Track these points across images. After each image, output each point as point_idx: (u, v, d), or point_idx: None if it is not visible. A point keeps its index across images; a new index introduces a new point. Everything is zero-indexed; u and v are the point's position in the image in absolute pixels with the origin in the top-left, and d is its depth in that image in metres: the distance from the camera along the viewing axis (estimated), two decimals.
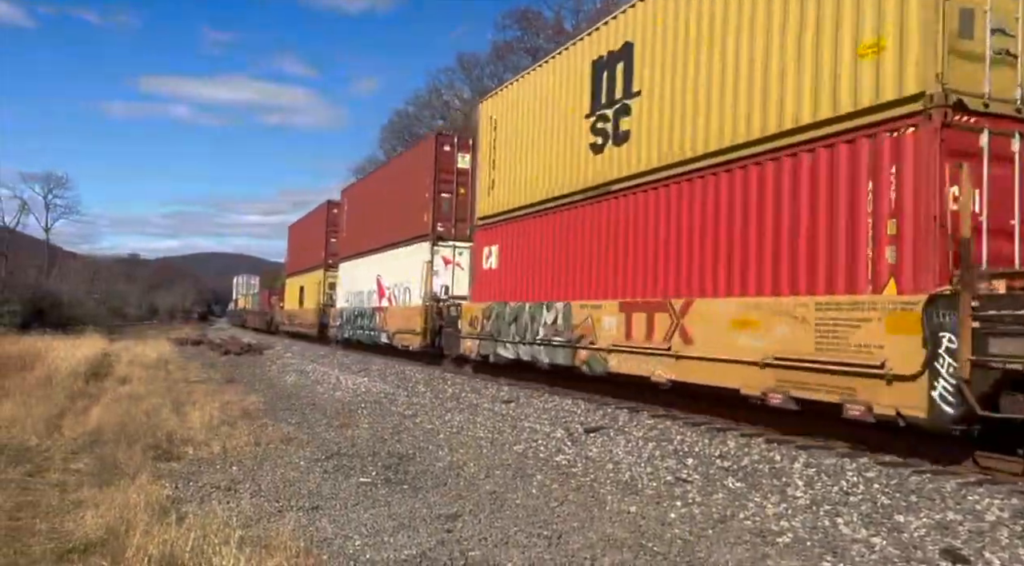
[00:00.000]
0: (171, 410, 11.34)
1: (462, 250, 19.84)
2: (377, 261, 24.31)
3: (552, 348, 12.99)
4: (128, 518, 5.47)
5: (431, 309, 19.11)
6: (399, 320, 21.39)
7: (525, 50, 44.79)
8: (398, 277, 22.16)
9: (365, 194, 27.44)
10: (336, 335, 29.04)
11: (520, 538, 5.57)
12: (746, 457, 7.99)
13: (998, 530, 5.52)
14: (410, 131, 54.24)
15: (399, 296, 22.04)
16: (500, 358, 14.92)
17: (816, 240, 8.23)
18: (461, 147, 20.45)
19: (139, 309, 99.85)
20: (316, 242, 35.21)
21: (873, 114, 7.68)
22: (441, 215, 20.07)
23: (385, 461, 8.36)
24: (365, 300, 25.48)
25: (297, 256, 41.39)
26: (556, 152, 13.43)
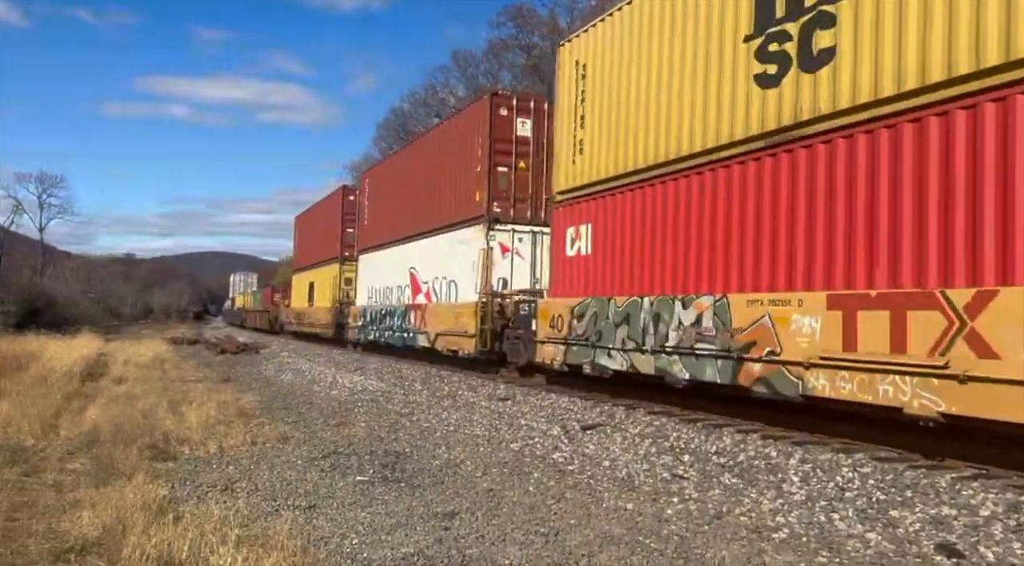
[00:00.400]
0: (167, 410, 11.32)
1: (522, 235, 16.46)
2: (410, 251, 20.77)
3: (696, 359, 9.39)
4: (125, 518, 5.48)
5: (489, 306, 15.54)
6: (444, 320, 17.75)
7: (520, 47, 44.78)
8: (440, 269, 18.53)
9: (393, 175, 23.43)
10: (358, 337, 25.18)
11: (517, 535, 5.58)
12: (742, 453, 8.01)
13: (992, 524, 5.55)
14: (406, 128, 54.18)
15: (441, 291, 18.47)
16: (601, 369, 11.27)
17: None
18: (521, 110, 16.77)
19: (134, 309, 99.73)
20: (329, 233, 31.22)
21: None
22: (498, 193, 16.37)
23: (382, 459, 8.37)
24: (395, 297, 21.98)
25: (306, 250, 37.38)
26: (690, 94, 9.96)
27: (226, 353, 28.44)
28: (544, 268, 15.50)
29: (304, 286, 36.20)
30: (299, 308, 37.23)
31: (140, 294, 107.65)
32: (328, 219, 31.82)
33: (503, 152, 16.53)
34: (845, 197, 7.78)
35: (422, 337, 19.10)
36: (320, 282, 32.58)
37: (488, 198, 16.35)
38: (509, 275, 16.25)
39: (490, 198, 16.35)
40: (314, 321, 32.95)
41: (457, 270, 17.44)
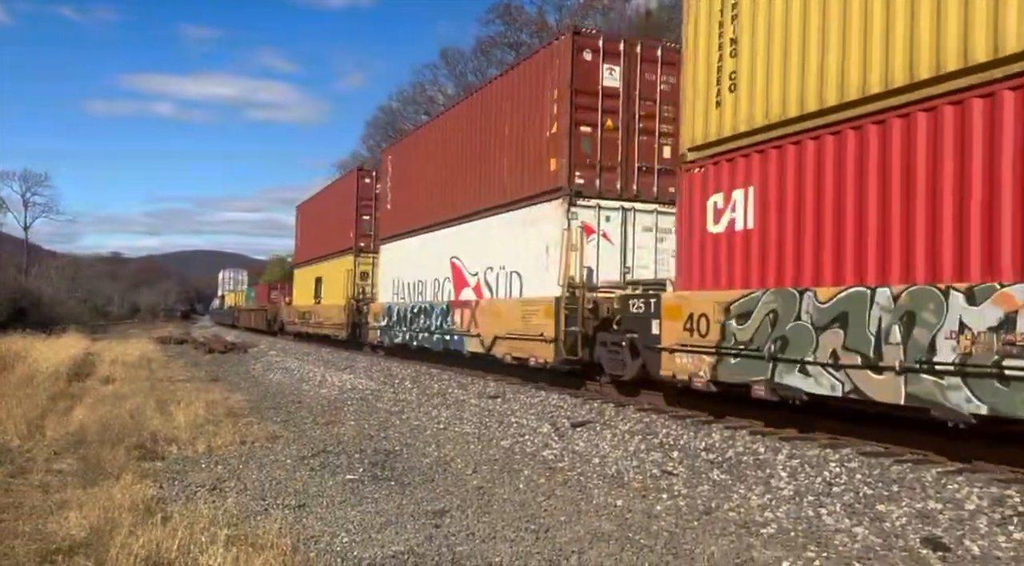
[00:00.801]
0: (155, 409, 11.27)
1: (609, 213, 12.93)
2: (452, 238, 17.25)
3: (1006, 384, 6.06)
4: (113, 518, 5.45)
5: (580, 303, 11.95)
6: (505, 320, 14.25)
7: (508, 45, 44.77)
8: (496, 258, 15.09)
9: (425, 149, 19.61)
10: (381, 339, 21.66)
11: (508, 533, 5.59)
12: (730, 449, 8.05)
13: (977, 518, 5.61)
14: (394, 126, 54.05)
15: (498, 285, 15.02)
16: (789, 392, 7.94)
17: None
18: (608, 55, 13.10)
19: (121, 308, 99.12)
20: (341, 222, 27.29)
21: None
22: (580, 159, 12.87)
23: (372, 458, 8.36)
24: (430, 292, 18.40)
25: (311, 242, 33.24)
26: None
27: (214, 352, 28.30)
28: (637, 254, 13.03)
29: (308, 282, 32.48)
30: (303, 306, 33.31)
31: (127, 293, 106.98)
32: (340, 206, 27.91)
33: (587, 107, 12.92)
34: None
35: (471, 341, 15.50)
36: (330, 277, 28.73)
37: (568, 166, 12.78)
38: (594, 263, 12.70)
39: (571, 166, 12.77)
40: (323, 321, 28.91)
41: (522, 258, 13.98)
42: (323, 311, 29.34)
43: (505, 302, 14.53)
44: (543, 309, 12.84)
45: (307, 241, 34.59)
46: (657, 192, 13.20)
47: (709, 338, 8.92)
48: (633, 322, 10.61)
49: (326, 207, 30.84)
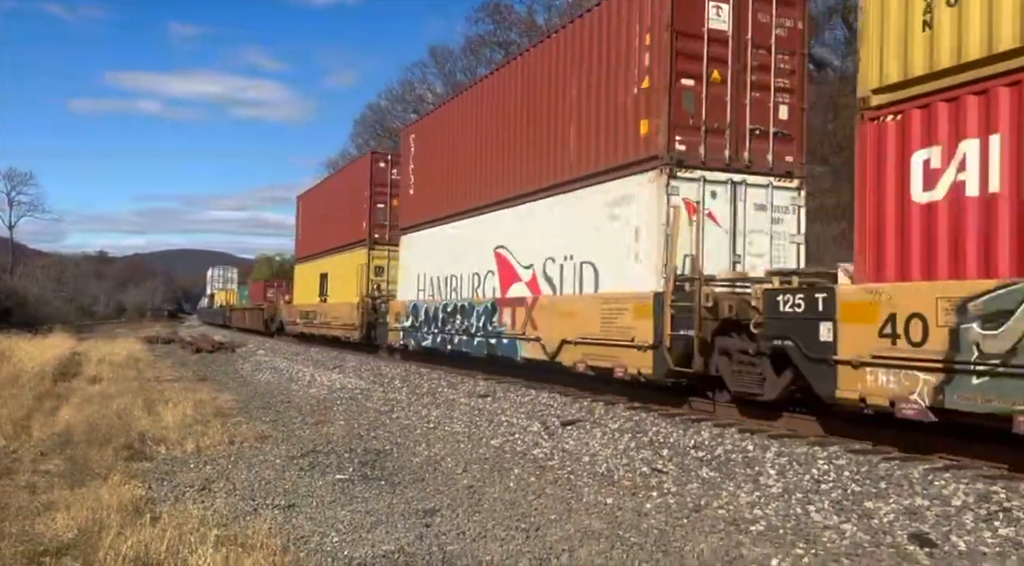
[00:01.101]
0: (143, 409, 11.21)
1: (716, 188, 10.47)
2: (497, 225, 14.65)
3: None
4: (101, 519, 5.42)
5: (696, 301, 9.37)
6: (576, 322, 11.68)
7: (497, 44, 44.74)
8: (560, 246, 12.42)
9: (458, 123, 16.81)
10: (404, 341, 18.98)
11: (498, 531, 5.60)
12: (720, 447, 8.09)
13: (964, 514, 5.66)
14: (383, 125, 53.93)
15: (562, 279, 12.37)
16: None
17: None
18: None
19: (107, 307, 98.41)
20: (353, 212, 24.53)
21: None
22: (681, 120, 10.35)
23: (362, 457, 8.35)
24: (467, 288, 15.80)
25: (315, 235, 29.99)
26: None
27: (202, 352, 28.15)
28: (748, 238, 10.67)
29: (312, 278, 29.34)
30: (306, 305, 30.15)
31: (113, 293, 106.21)
32: (350, 194, 25.14)
33: (689, 55, 10.46)
34: None
35: (527, 345, 13.09)
36: (338, 273, 25.86)
37: (667, 128, 10.23)
38: (697, 249, 9.81)
39: (670, 128, 10.25)
40: (330, 321, 25.92)
41: (599, 246, 11.42)
42: (330, 310, 26.25)
43: (577, 299, 11.86)
44: (634, 307, 10.38)
45: (310, 235, 31.18)
46: (772, 161, 10.78)
47: (929, 348, 6.56)
48: (786, 326, 8.13)
49: (333, 196, 27.77)
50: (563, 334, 11.99)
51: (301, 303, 31.46)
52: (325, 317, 26.81)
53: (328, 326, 26.21)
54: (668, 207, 10.10)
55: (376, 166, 23.72)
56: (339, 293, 25.62)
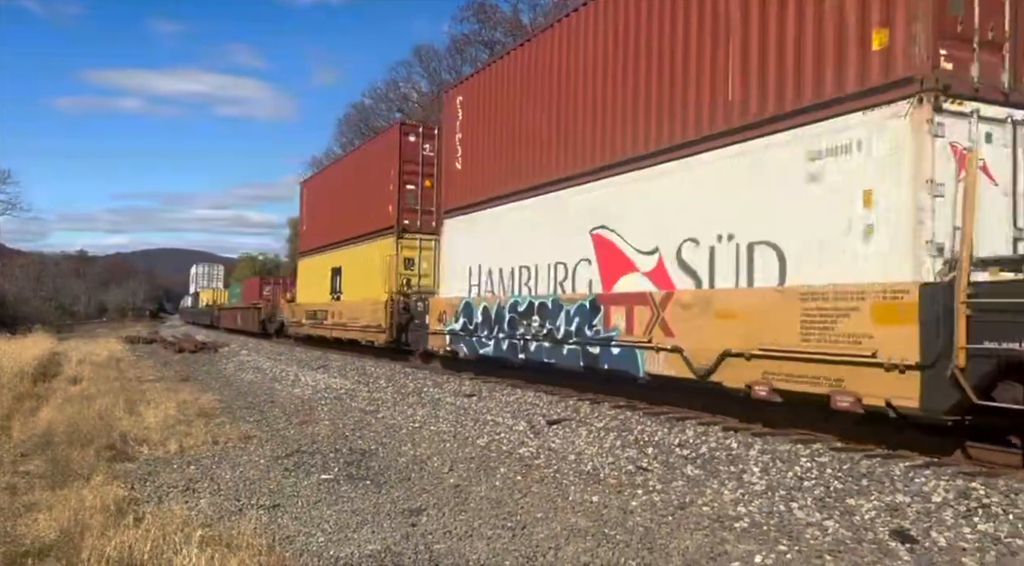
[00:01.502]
0: (125, 410, 11.11)
1: (992, 128, 7.16)
2: (597, 200, 11.26)
3: None
4: (83, 520, 5.37)
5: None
6: (752, 327, 8.35)
7: (482, 43, 44.71)
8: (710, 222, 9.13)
9: (526, 75, 13.34)
10: (454, 347, 15.12)
11: (484, 530, 5.61)
12: (704, 445, 8.15)
13: (944, 510, 5.74)
14: (367, 124, 53.74)
15: (713, 267, 9.09)
16: None
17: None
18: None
19: (88, 307, 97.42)
20: (377, 195, 20.62)
21: None
22: (947, 26, 7.00)
23: (347, 457, 8.32)
24: (547, 281, 12.40)
25: (324, 224, 26.13)
26: None
27: (184, 352, 27.94)
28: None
29: (320, 274, 25.49)
30: (314, 304, 25.99)
31: (94, 292, 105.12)
32: (373, 174, 21.18)
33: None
34: None
35: (657, 357, 9.76)
36: (356, 267, 22.19)
37: (930, 37, 6.94)
38: (968, 220, 6.67)
39: (933, 37, 6.95)
40: (347, 321, 22.04)
41: (791, 219, 8.05)
42: (346, 309, 22.31)
43: (750, 295, 8.47)
44: (874, 307, 7.04)
45: (318, 225, 27.09)
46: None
47: None
48: None
49: (350, 178, 23.57)
50: (724, 343, 8.61)
51: (307, 302, 27.25)
52: (339, 317, 22.95)
53: (344, 328, 22.35)
54: (932, 152, 6.83)
55: (405, 140, 19.61)
56: (357, 290, 21.94)
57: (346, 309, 22.43)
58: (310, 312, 26.26)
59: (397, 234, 19.51)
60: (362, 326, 20.64)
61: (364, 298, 20.77)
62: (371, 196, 21.15)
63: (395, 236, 19.52)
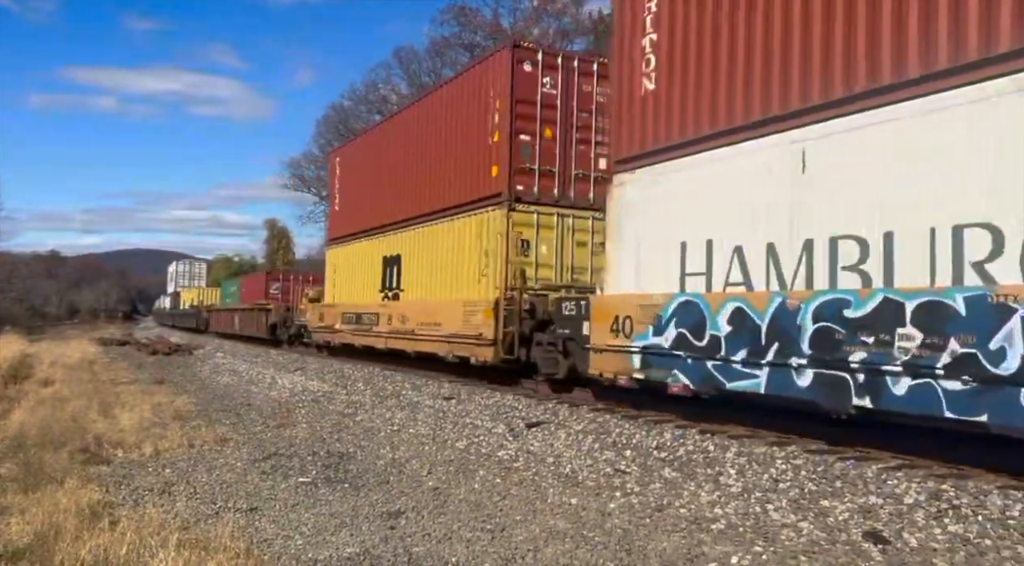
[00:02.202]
0: (99, 412, 10.98)
1: None
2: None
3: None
4: (58, 523, 5.31)
5: None
6: None
7: (463, 46, 44.72)
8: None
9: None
10: (653, 373, 9.19)
11: (464, 533, 5.62)
12: (681, 448, 8.22)
13: (915, 512, 5.85)
14: (346, 125, 53.48)
15: None
16: None
17: None
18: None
19: (59, 308, 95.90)
20: (467, 154, 14.71)
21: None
22: None
23: (325, 460, 8.29)
24: (947, 261, 6.26)
25: (372, 201, 19.57)
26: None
27: (158, 354, 27.63)
28: None
29: (366, 266, 19.65)
30: (355, 305, 19.90)
31: (65, 293, 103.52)
32: (463, 124, 14.89)
33: None
34: None
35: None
36: (433, 254, 15.86)
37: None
38: None
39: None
40: (421, 328, 15.55)
41: None
42: (414, 312, 16.06)
43: None
44: None
45: (360, 203, 20.52)
46: None
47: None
48: None
49: (418, 136, 17.01)
50: None
51: (344, 302, 20.98)
52: (399, 322, 16.60)
53: (408, 337, 16.02)
54: None
55: (520, 69, 13.36)
56: (432, 285, 15.79)
57: (412, 312, 16.16)
58: (349, 315, 20.00)
59: (509, 205, 13.15)
60: (446, 336, 14.39)
61: (448, 298, 14.77)
62: (457, 155, 15.00)
63: (505, 208, 13.16)
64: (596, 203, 12.81)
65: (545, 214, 13.38)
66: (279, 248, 74.46)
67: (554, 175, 13.51)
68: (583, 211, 13.58)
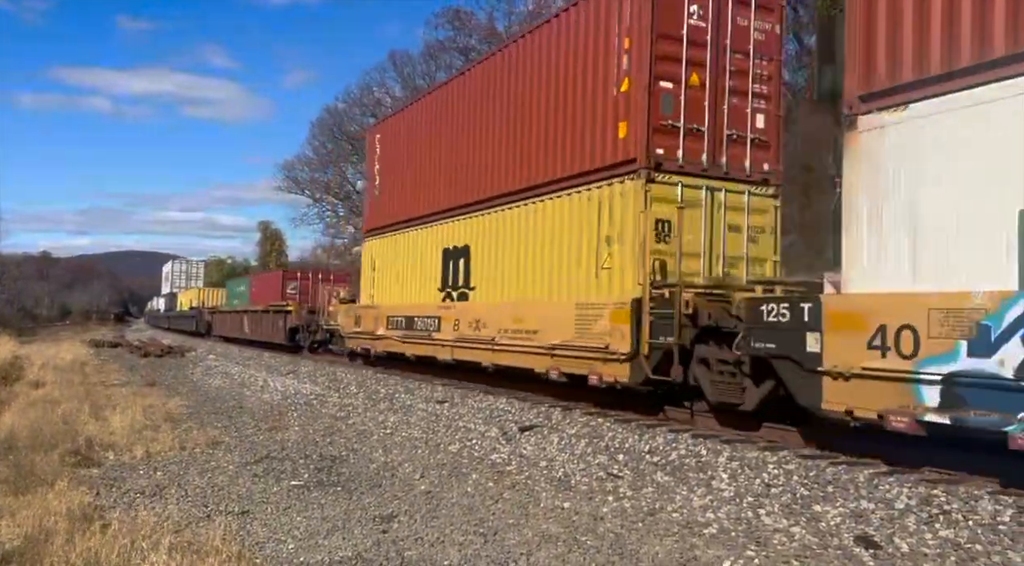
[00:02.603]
0: (89, 415, 10.93)
1: None
2: None
3: None
4: (48, 526, 5.28)
5: None
6: None
7: (457, 50, 44.76)
8: None
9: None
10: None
11: (456, 536, 5.61)
12: (674, 452, 8.23)
13: (906, 517, 5.87)
14: (340, 128, 53.47)
15: None
16: None
17: None
18: None
19: (51, 310, 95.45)
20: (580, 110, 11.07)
21: None
22: None
23: (317, 463, 8.27)
24: None
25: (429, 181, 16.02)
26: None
27: (150, 356, 27.53)
28: None
29: (416, 261, 16.35)
30: (405, 306, 16.52)
31: (57, 295, 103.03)
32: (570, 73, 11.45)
33: None
34: None
35: None
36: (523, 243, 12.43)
37: None
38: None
39: None
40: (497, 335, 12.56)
41: None
42: (500, 316, 12.59)
43: None
44: None
45: (407, 184, 17.04)
46: None
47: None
48: None
49: (490, 94, 13.65)
50: None
51: (390, 303, 17.45)
52: (476, 328, 13.24)
53: (490, 346, 12.67)
54: None
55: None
56: (515, 282, 12.51)
57: (490, 315, 12.86)
58: (397, 319, 16.55)
59: (647, 174, 9.87)
60: (547, 347, 11.18)
61: (549, 298, 11.53)
62: (564, 114, 11.48)
63: (642, 178, 9.86)
64: (752, 173, 10.42)
65: (691, 187, 10.11)
66: (272, 251, 74.35)
67: (702, 135, 10.18)
68: (738, 184, 10.37)
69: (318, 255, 59.84)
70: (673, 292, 9.13)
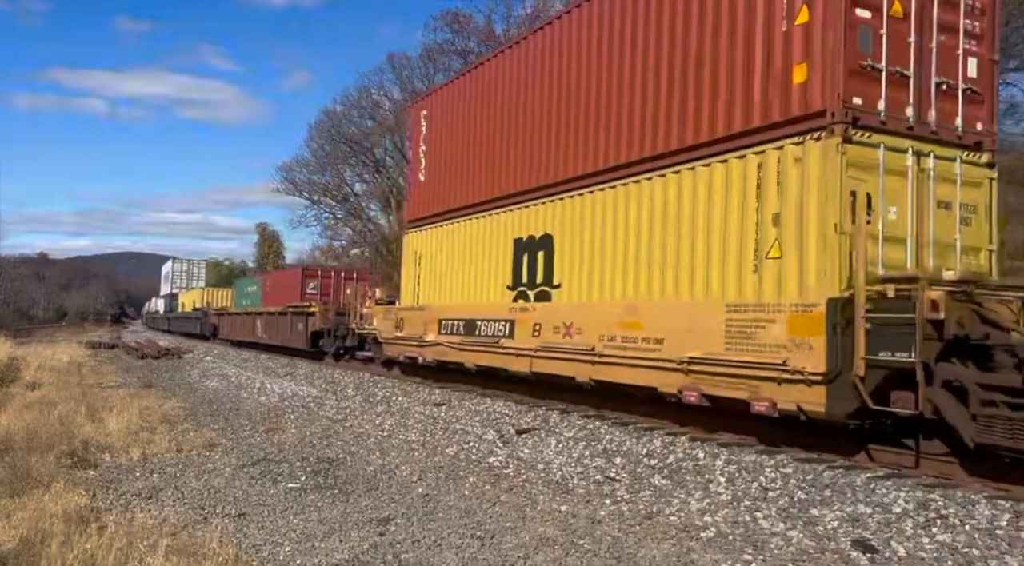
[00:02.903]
0: (86, 416, 10.89)
1: None
2: None
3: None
4: (44, 528, 5.26)
5: None
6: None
7: (456, 52, 44.77)
8: None
9: None
10: None
11: (453, 539, 5.61)
12: (671, 455, 8.23)
13: (904, 521, 5.88)
14: (339, 130, 53.42)
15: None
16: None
17: None
18: None
19: (47, 311, 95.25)
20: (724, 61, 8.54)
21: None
22: None
23: (314, 466, 8.26)
24: None
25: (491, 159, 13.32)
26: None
27: (147, 357, 27.46)
28: None
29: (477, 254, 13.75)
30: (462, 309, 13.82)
31: (53, 296, 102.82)
32: (718, 5, 8.66)
33: None
34: None
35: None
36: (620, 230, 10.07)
37: None
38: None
39: None
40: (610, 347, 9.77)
41: None
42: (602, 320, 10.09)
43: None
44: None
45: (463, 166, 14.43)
46: None
47: None
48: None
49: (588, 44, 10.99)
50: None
51: (443, 303, 14.68)
52: (564, 334, 10.82)
53: (590, 357, 10.18)
54: None
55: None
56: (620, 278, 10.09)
57: (585, 319, 10.48)
58: (453, 323, 13.99)
59: (844, 131, 7.42)
60: (680, 361, 8.64)
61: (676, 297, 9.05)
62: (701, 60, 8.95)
63: (838, 135, 7.42)
64: (965, 135, 8.01)
65: (895, 150, 7.72)
66: (269, 252, 74.26)
67: (907, 83, 7.84)
68: (948, 148, 8.01)
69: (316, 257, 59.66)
70: (910, 290, 6.69)
